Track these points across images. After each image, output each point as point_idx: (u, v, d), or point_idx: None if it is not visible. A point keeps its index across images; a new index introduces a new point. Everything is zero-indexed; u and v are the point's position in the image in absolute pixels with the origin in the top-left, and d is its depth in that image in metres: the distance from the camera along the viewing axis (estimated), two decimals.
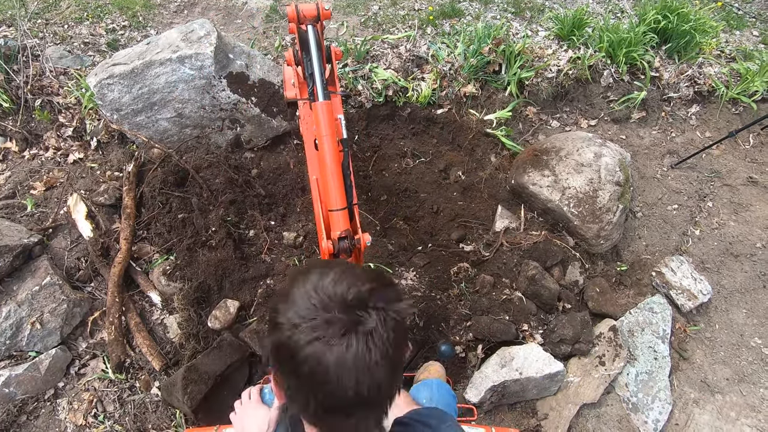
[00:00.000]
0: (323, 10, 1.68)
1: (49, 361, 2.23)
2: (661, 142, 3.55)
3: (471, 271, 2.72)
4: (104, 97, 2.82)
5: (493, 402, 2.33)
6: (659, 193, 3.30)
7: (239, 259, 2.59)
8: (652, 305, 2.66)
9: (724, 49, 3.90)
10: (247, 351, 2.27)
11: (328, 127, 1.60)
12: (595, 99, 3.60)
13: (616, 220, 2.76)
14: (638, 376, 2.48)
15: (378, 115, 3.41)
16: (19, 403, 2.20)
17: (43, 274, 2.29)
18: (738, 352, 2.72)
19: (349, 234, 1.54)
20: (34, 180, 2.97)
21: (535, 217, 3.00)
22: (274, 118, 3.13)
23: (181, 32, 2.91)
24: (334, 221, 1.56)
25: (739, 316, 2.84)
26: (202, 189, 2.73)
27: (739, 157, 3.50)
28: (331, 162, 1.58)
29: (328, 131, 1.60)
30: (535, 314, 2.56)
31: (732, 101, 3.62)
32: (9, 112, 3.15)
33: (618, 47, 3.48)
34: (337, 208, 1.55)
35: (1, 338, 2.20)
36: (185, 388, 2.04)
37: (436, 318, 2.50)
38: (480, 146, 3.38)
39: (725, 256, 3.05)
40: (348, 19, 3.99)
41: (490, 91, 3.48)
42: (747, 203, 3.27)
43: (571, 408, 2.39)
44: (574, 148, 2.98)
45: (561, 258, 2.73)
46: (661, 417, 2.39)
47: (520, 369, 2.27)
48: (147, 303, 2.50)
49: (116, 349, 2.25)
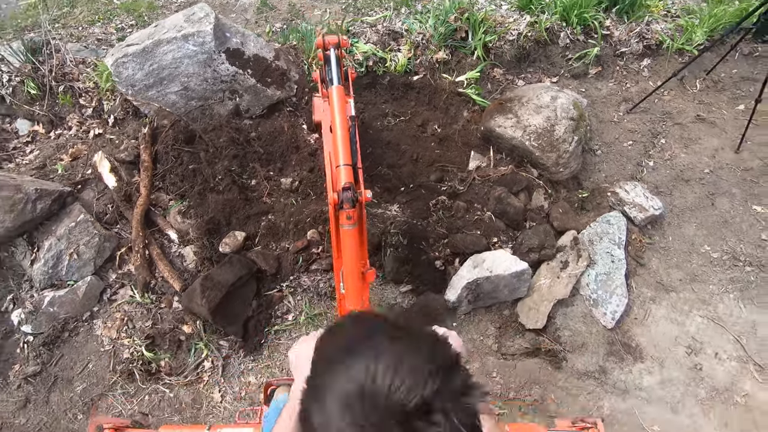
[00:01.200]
0: (343, 40, 2.21)
1: (85, 287, 2.61)
2: (617, 92, 3.95)
3: (448, 202, 3.09)
4: (120, 74, 3.25)
5: (469, 300, 2.68)
6: (616, 133, 3.68)
7: (243, 200, 2.98)
8: (608, 218, 3.02)
9: (670, 9, 4.32)
10: (254, 267, 2.63)
11: (340, 103, 1.95)
12: (555, 58, 4.02)
13: (572, 149, 3.14)
14: (598, 277, 2.82)
15: (360, 84, 3.82)
16: (62, 322, 2.57)
17: (77, 213, 2.69)
18: (689, 258, 3.06)
19: (352, 186, 1.69)
20: (60, 154, 3.39)
21: (503, 157, 3.38)
22: (268, 87, 3.55)
23: (184, 15, 3.36)
24: (341, 175, 1.73)
25: (690, 229, 3.18)
26: (208, 146, 3.13)
27: (688, 100, 3.89)
28: (341, 127, 1.86)
29: (340, 106, 1.94)
30: (504, 231, 2.92)
31: (679, 52, 4.02)
32: (36, 98, 3.59)
33: (571, 10, 3.91)
34: (344, 163, 1.75)
35: (45, 268, 2.58)
36: (203, 293, 2.40)
37: (417, 238, 2.86)
38: (453, 105, 3.78)
39: (677, 182, 3.41)
40: (330, 6, 4.46)
41: (460, 56, 3.90)
42: (696, 137, 3.65)
43: (547, 304, 2.73)
44: (534, 95, 3.38)
45: (526, 185, 3.10)
46: (618, 309, 2.73)
47: (491, 268, 2.62)
48: (166, 240, 2.88)
49: (142, 272, 2.63)
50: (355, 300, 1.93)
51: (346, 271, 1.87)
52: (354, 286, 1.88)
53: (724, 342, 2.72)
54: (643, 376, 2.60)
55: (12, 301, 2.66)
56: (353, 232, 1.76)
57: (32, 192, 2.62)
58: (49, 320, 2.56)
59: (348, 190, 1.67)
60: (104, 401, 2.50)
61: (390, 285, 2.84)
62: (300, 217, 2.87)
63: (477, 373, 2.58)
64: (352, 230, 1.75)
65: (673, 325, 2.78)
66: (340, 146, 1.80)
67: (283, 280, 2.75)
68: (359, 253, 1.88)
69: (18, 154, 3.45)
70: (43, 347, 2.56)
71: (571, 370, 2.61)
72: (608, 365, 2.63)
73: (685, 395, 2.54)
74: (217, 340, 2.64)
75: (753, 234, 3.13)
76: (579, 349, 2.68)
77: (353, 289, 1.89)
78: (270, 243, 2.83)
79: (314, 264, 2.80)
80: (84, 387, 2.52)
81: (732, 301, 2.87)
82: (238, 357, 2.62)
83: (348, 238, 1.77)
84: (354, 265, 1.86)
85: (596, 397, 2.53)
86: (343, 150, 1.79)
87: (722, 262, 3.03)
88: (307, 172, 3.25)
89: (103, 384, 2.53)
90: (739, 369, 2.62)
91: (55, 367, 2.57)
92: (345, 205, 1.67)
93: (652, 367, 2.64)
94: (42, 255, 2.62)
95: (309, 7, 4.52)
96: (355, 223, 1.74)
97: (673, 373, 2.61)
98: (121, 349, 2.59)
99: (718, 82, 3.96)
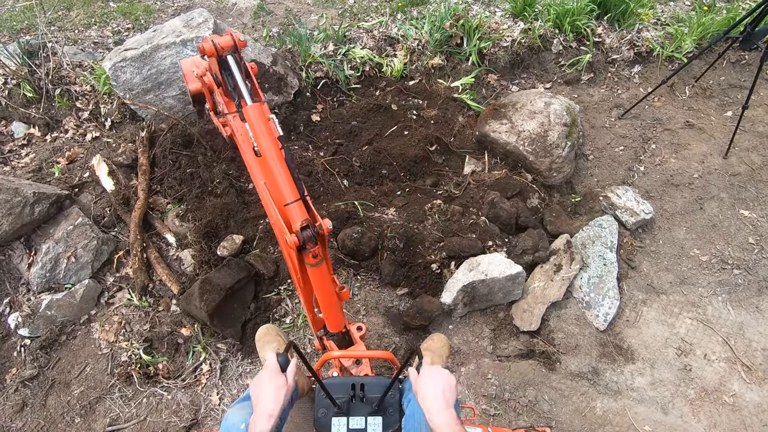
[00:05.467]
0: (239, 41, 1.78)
1: (83, 290, 2.62)
2: (609, 98, 4.02)
3: (443, 206, 3.13)
4: (118, 78, 3.27)
5: (465, 303, 2.72)
6: (608, 139, 3.75)
7: (241, 203, 3.00)
8: (601, 222, 3.08)
9: (660, 18, 4.41)
10: (252, 270, 2.65)
11: (263, 127, 1.63)
12: (548, 65, 4.09)
13: (565, 154, 3.20)
14: (590, 280, 2.87)
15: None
16: (60, 325, 2.57)
17: (75, 217, 2.70)
18: (679, 261, 3.12)
19: (309, 223, 1.53)
20: (57, 157, 3.39)
21: (498, 161, 3.44)
22: (265, 93, 3.58)
23: (182, 20, 3.39)
24: (292, 214, 1.54)
25: (680, 232, 3.25)
26: (206, 150, 3.15)
27: (677, 106, 3.97)
28: (274, 159, 1.59)
29: (264, 130, 1.63)
30: (498, 235, 2.96)
31: (668, 59, 4.11)
32: (32, 101, 3.58)
33: (564, 18, 3.99)
34: (291, 200, 1.54)
35: (42, 271, 2.59)
36: (202, 296, 2.42)
37: (413, 241, 2.89)
38: (449, 110, 3.83)
39: (667, 186, 3.48)
40: (326, 11, 4.50)
41: (455, 62, 3.96)
42: (685, 143, 3.73)
43: (541, 307, 2.77)
44: (528, 101, 3.44)
45: (520, 189, 3.15)
46: (610, 311, 2.78)
47: (486, 271, 2.66)
48: (163, 243, 2.89)
49: (140, 275, 2.64)
50: (337, 323, 1.87)
51: (324, 303, 1.77)
52: (334, 313, 1.80)
53: (713, 343, 2.78)
54: (635, 377, 2.66)
55: (9, 305, 2.66)
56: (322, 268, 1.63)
57: (30, 195, 2.63)
58: (47, 323, 2.56)
59: (307, 228, 1.51)
60: (102, 404, 2.50)
61: (387, 288, 2.87)
62: None
63: (472, 375, 2.62)
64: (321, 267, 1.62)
65: (663, 327, 2.84)
66: (280, 182, 1.56)
67: (280, 283, 2.77)
68: (332, 284, 1.76)
69: (13, 157, 3.45)
70: (40, 351, 2.56)
71: (565, 371, 2.66)
72: (601, 366, 2.68)
73: (675, 395, 2.60)
74: (215, 342, 2.66)
75: (741, 237, 3.20)
76: (572, 350, 2.73)
77: (333, 315, 1.81)
78: (268, 246, 2.85)
79: None
80: (81, 390, 2.53)
81: (720, 303, 2.94)
82: (236, 360, 2.64)
83: (318, 276, 1.64)
84: (331, 296, 1.75)
85: (589, 397, 2.58)
86: (287, 185, 1.55)
87: (711, 265, 3.10)
88: (305, 175, 3.28)
89: (101, 387, 2.54)
90: (727, 370, 2.68)
91: (53, 370, 2.57)
92: (308, 245, 1.53)
93: (643, 368, 2.69)
94: (39, 258, 2.63)
95: (305, 12, 4.56)
96: (321, 259, 1.60)
97: (663, 374, 2.67)
98: (118, 352, 2.59)
99: (706, 89, 4.05)
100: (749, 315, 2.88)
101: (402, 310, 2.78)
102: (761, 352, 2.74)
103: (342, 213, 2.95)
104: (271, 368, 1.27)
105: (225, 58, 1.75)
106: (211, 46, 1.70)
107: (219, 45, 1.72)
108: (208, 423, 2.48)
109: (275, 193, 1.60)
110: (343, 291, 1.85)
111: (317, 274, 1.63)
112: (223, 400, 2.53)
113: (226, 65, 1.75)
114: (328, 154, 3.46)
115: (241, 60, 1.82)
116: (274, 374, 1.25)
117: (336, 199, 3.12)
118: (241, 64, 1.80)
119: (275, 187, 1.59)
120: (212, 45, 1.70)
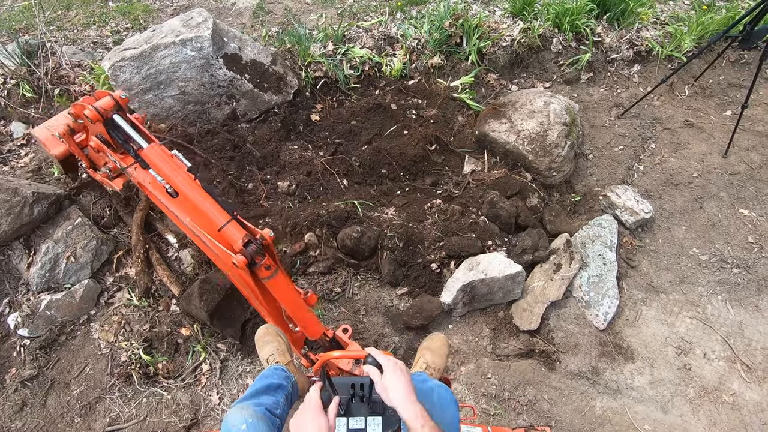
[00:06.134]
0: (120, 99, 1.78)
1: (82, 290, 2.61)
2: (608, 97, 4.02)
3: (443, 205, 3.13)
4: (117, 78, 3.26)
5: (465, 303, 2.72)
6: (608, 138, 3.75)
7: (241, 203, 3.00)
8: (600, 221, 3.08)
9: (660, 17, 4.41)
10: None
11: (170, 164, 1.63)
12: (548, 64, 4.09)
13: (564, 154, 3.20)
14: (590, 279, 2.88)
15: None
16: (59, 325, 2.57)
17: (74, 217, 2.69)
18: (679, 260, 3.13)
19: (251, 237, 1.53)
20: None
21: (497, 161, 3.44)
22: (265, 92, 3.58)
23: (182, 20, 3.38)
24: (230, 235, 1.54)
25: (680, 232, 3.25)
26: (205, 150, 3.15)
27: (677, 106, 3.97)
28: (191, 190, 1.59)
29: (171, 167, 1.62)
30: (498, 234, 2.96)
31: (668, 58, 4.11)
32: (31, 101, 3.58)
33: (563, 17, 3.99)
34: (223, 223, 1.55)
35: (42, 271, 2.58)
36: (201, 296, 2.42)
37: (413, 240, 2.89)
38: (449, 109, 3.83)
39: (666, 186, 3.48)
40: (326, 11, 4.50)
41: (454, 61, 3.96)
42: (684, 142, 3.73)
43: (541, 306, 2.78)
44: (527, 100, 3.44)
45: (519, 188, 3.15)
46: (609, 310, 2.78)
47: (485, 271, 2.66)
48: (164, 244, 2.89)
49: (143, 277, 2.64)
50: (315, 330, 1.82)
51: (293, 311, 1.74)
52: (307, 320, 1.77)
53: (713, 342, 2.78)
54: (634, 377, 2.66)
55: (8, 305, 2.65)
56: (279, 277, 1.61)
57: (30, 195, 2.62)
58: (46, 324, 2.56)
59: (250, 243, 1.51)
60: (102, 404, 2.50)
61: (386, 288, 2.87)
62: (297, 220, 2.90)
63: (472, 374, 2.62)
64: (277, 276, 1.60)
65: (663, 326, 2.85)
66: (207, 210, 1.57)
67: None
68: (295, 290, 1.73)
69: (13, 156, 3.44)
70: (39, 351, 2.56)
71: (564, 370, 2.66)
72: (600, 366, 2.69)
73: (674, 395, 2.60)
74: (215, 342, 2.66)
75: (740, 237, 3.20)
76: (572, 350, 2.73)
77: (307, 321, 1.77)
78: None
79: (312, 267, 2.83)
80: (81, 390, 2.53)
81: (720, 302, 2.94)
82: (236, 359, 2.64)
83: (277, 286, 1.62)
84: (298, 303, 1.73)
85: (589, 397, 2.58)
86: (214, 210, 1.57)
87: (710, 264, 3.10)
88: (304, 175, 3.28)
89: (101, 387, 2.54)
90: (726, 369, 2.68)
91: (52, 370, 2.57)
92: (257, 259, 1.51)
93: (643, 368, 2.69)
94: (39, 258, 2.63)
95: (305, 12, 4.56)
96: (276, 268, 1.58)
97: (663, 373, 2.67)
98: (118, 352, 2.59)
99: (706, 88, 4.05)
100: (749, 314, 2.89)
101: (402, 310, 2.78)
102: (761, 351, 2.74)
103: (341, 212, 2.95)
104: (314, 407, 1.22)
105: (111, 118, 1.74)
106: (93, 112, 1.69)
107: (101, 108, 1.71)
108: (208, 423, 2.48)
109: (206, 223, 1.58)
110: (309, 295, 1.82)
111: (276, 284, 1.60)
112: (223, 400, 2.53)
113: (113, 124, 1.75)
114: (327, 153, 3.46)
115: (125, 113, 1.82)
116: (317, 414, 1.21)
117: (335, 199, 3.12)
118: (126, 118, 1.81)
119: (203, 217, 1.59)
120: (94, 110, 1.69)
